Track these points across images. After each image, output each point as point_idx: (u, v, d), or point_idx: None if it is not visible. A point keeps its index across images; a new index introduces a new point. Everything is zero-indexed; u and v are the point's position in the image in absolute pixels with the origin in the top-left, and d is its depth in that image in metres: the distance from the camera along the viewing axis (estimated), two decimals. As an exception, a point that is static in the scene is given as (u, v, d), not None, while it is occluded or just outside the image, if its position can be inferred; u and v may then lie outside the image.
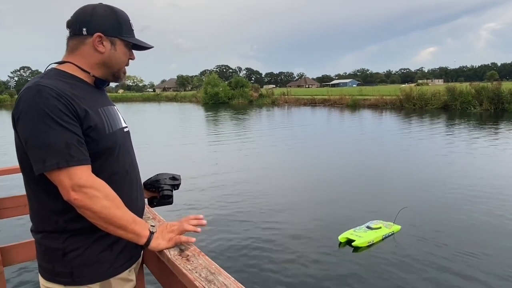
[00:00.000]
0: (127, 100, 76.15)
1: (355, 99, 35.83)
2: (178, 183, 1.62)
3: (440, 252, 5.05)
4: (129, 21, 1.36)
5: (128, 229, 1.20)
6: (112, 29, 1.30)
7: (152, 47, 1.43)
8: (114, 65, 1.34)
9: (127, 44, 1.35)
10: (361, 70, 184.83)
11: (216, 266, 1.10)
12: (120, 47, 1.33)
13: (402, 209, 6.03)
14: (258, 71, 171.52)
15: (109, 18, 1.30)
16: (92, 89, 1.32)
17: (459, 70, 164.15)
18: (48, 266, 1.24)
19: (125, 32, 1.33)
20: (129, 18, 1.37)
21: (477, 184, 8.14)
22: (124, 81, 1.46)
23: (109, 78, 1.37)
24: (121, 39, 1.32)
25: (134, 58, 1.41)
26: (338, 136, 17.41)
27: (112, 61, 1.33)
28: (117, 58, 1.33)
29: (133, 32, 1.37)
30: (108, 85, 1.42)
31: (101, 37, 1.28)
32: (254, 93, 50.39)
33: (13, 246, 1.93)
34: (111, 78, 1.38)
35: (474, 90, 27.90)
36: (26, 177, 1.24)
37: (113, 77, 1.38)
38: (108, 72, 1.35)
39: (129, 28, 1.35)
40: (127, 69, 1.42)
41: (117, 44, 1.32)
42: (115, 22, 1.30)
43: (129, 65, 1.41)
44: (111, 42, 1.30)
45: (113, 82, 1.42)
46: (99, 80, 1.34)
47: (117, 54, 1.33)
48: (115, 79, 1.39)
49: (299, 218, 6.54)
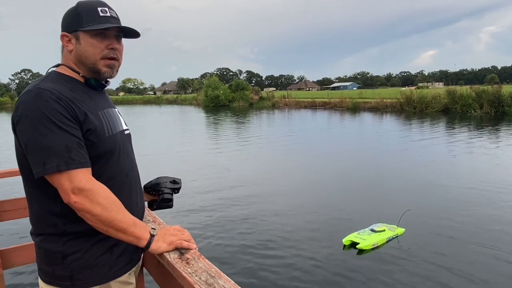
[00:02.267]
0: (127, 102, 76.13)
1: (355, 102, 35.81)
2: (178, 187, 1.61)
3: (444, 254, 5.03)
4: (96, 8, 1.24)
5: (128, 232, 1.19)
6: (72, 23, 1.25)
7: (127, 28, 1.29)
8: (85, 59, 1.26)
9: (94, 33, 1.24)
10: (361, 73, 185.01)
11: (216, 269, 1.09)
12: (85, 39, 1.24)
13: (405, 212, 6.03)
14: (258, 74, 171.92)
15: (70, 14, 1.26)
16: (92, 92, 1.30)
17: (460, 73, 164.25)
18: (47, 269, 1.24)
19: (85, 22, 1.23)
20: (99, 5, 1.25)
21: (479, 187, 8.12)
22: (113, 75, 1.32)
23: (89, 75, 1.29)
24: (82, 30, 1.23)
25: (117, 47, 1.29)
26: (339, 139, 17.39)
27: (81, 56, 1.26)
28: (84, 51, 1.25)
29: (103, 18, 1.24)
30: (105, 86, 1.37)
31: (67, 36, 1.26)
32: (254, 96, 50.38)
33: (12, 249, 1.92)
34: (91, 74, 1.29)
35: (474, 93, 27.90)
36: (25, 180, 1.24)
37: (92, 72, 1.28)
38: (86, 69, 1.28)
39: (93, 16, 1.23)
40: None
41: (81, 37, 1.24)
42: (74, 16, 1.24)
43: (117, 57, 1.29)
44: (75, 38, 1.25)
45: (97, 78, 1.30)
46: (91, 80, 1.29)
47: (83, 48, 1.25)
48: (95, 74, 1.28)
49: (302, 221, 6.52)
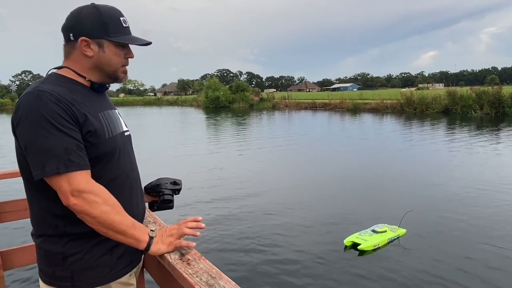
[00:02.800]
0: (128, 104, 76.22)
1: (355, 103, 35.79)
2: (179, 188, 1.61)
3: (446, 255, 5.02)
4: (119, 18, 1.27)
5: (127, 234, 1.19)
6: (97, 30, 1.23)
7: (149, 42, 1.34)
8: (106, 67, 1.28)
9: (118, 43, 1.27)
10: (361, 74, 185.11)
11: (217, 270, 1.09)
12: (109, 48, 1.26)
13: (407, 213, 6.02)
14: (258, 75, 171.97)
15: (93, 20, 1.23)
16: (92, 94, 1.30)
17: (460, 74, 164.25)
18: (48, 270, 1.24)
19: (112, 32, 1.25)
20: (120, 15, 1.28)
21: (481, 188, 8.10)
22: (126, 80, 1.38)
23: (106, 80, 1.32)
24: (109, 39, 1.25)
25: (133, 56, 1.33)
26: (340, 140, 17.37)
27: (103, 64, 1.27)
28: (108, 60, 1.27)
29: (126, 29, 1.29)
30: (108, 89, 1.38)
31: (87, 41, 1.24)
32: (254, 97, 50.39)
33: (13, 250, 1.92)
34: (108, 80, 1.33)
35: (474, 94, 27.86)
36: (26, 181, 1.24)
37: (110, 79, 1.32)
38: (103, 74, 1.30)
39: (118, 26, 1.26)
40: (128, 73, 1.35)
41: (105, 46, 1.25)
42: (100, 23, 1.23)
43: (128, 64, 1.34)
44: (98, 45, 1.25)
45: (114, 83, 1.36)
46: (96, 84, 1.31)
47: (107, 56, 1.27)
48: (113, 80, 1.33)
49: (303, 222, 6.51)
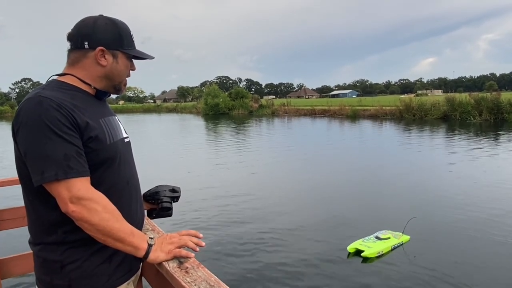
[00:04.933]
0: (127, 111, 76.37)
1: (355, 109, 35.88)
2: (177, 196, 1.61)
3: (450, 263, 5.00)
4: (130, 32, 1.36)
5: (126, 242, 1.19)
6: (114, 42, 1.30)
7: (153, 57, 1.44)
8: (116, 77, 1.35)
9: (129, 56, 1.35)
10: (360, 80, 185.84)
11: (216, 278, 1.09)
12: (122, 60, 1.34)
13: (411, 219, 6.00)
14: (258, 82, 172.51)
15: (110, 31, 1.30)
16: (93, 100, 1.32)
17: (458, 80, 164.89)
18: (46, 278, 1.23)
19: (126, 45, 1.33)
20: (130, 30, 1.37)
21: (484, 195, 8.08)
22: (124, 92, 1.46)
23: (110, 90, 1.38)
24: (123, 51, 1.33)
25: (135, 69, 1.41)
26: (341, 146, 17.37)
27: (114, 74, 1.34)
28: (119, 70, 1.34)
29: (134, 43, 1.38)
30: (109, 96, 1.42)
31: (103, 51, 1.29)
32: (254, 103, 50.54)
33: (11, 258, 1.91)
34: (112, 90, 1.39)
35: (473, 101, 27.96)
36: (24, 188, 1.24)
37: (114, 89, 1.39)
38: (109, 84, 1.36)
39: (130, 39, 1.35)
40: (128, 80, 1.42)
41: (119, 57, 1.33)
42: (117, 35, 1.31)
43: (130, 76, 1.42)
44: (113, 55, 1.31)
45: (114, 94, 1.42)
46: (100, 91, 1.35)
47: (119, 67, 1.34)
48: (116, 91, 1.40)
49: (305, 228, 6.49)
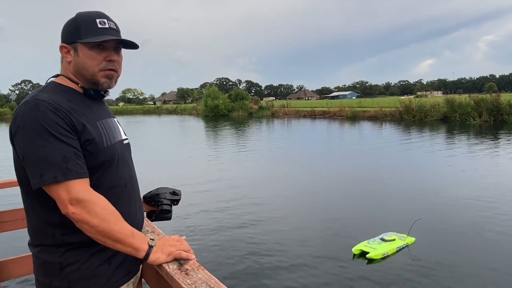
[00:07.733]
0: (127, 113, 76.39)
1: (354, 111, 35.92)
2: (178, 199, 1.60)
3: (455, 265, 4.99)
4: (95, 19, 1.26)
5: (126, 243, 1.18)
6: (71, 35, 1.27)
7: (126, 41, 1.31)
8: (83, 71, 1.28)
9: (92, 45, 1.25)
10: (360, 82, 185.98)
11: (216, 280, 1.08)
12: (83, 51, 1.26)
13: (416, 221, 5.99)
14: (257, 84, 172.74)
15: (69, 26, 1.28)
16: (90, 102, 1.30)
17: (458, 82, 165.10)
18: (45, 280, 1.23)
19: (83, 34, 1.24)
20: (97, 17, 1.27)
21: (489, 195, 8.05)
22: (113, 86, 1.34)
23: (88, 86, 1.30)
24: (81, 42, 1.25)
25: (114, 58, 1.29)
26: (342, 147, 17.36)
27: (80, 67, 1.27)
28: (82, 63, 1.27)
29: (101, 30, 1.25)
30: (104, 97, 1.37)
31: (65, 47, 1.28)
32: (254, 105, 50.57)
33: (10, 260, 1.90)
34: (89, 85, 1.30)
35: (473, 102, 28.01)
36: (23, 190, 1.24)
37: (90, 84, 1.29)
38: (85, 79, 1.29)
39: (91, 27, 1.25)
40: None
41: (79, 49, 1.26)
42: (73, 27, 1.27)
43: (116, 68, 1.31)
44: (74, 49, 1.27)
45: (96, 89, 1.31)
46: (91, 91, 1.30)
47: (81, 59, 1.26)
48: (94, 85, 1.30)
49: (310, 230, 6.47)
